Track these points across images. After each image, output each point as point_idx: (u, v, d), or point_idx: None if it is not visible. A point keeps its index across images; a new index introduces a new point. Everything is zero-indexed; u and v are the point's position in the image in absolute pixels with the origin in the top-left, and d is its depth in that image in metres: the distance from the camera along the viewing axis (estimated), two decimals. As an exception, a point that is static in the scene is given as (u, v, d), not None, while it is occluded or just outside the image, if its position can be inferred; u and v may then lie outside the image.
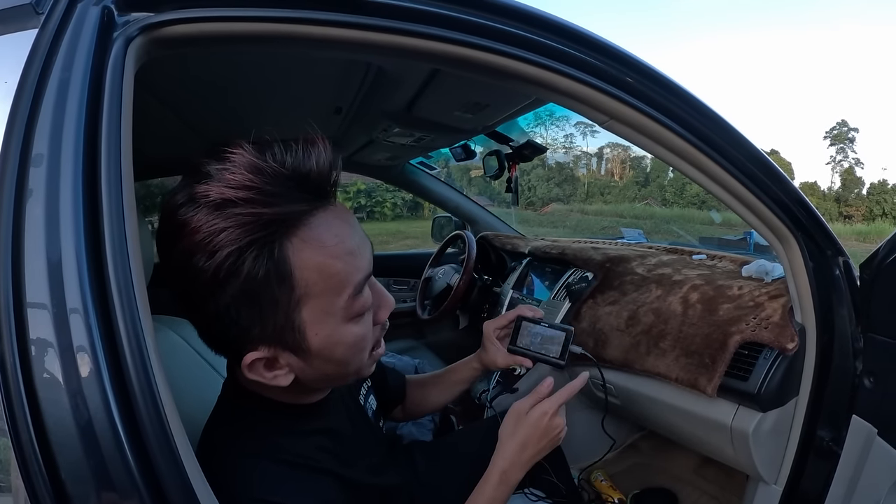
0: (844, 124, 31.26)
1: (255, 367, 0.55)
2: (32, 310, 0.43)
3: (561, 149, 23.96)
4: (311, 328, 0.54)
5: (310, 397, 0.65)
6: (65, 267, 0.43)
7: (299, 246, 0.50)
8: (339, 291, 0.54)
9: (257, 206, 0.48)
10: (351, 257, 0.54)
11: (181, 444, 0.44)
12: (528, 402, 0.79)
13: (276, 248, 0.49)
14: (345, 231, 0.54)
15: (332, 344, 0.56)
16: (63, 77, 0.45)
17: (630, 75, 0.69)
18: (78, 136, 0.45)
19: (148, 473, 0.42)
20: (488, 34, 0.60)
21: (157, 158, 1.58)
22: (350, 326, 0.56)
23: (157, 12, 0.50)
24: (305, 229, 0.51)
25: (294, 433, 0.62)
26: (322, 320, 0.54)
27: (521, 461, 0.77)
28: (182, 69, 0.96)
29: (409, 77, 1.11)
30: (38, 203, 0.43)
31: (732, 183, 0.80)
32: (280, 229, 0.49)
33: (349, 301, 0.54)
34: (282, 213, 0.49)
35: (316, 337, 0.54)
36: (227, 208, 0.47)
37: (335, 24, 0.54)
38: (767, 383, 0.95)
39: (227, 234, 0.47)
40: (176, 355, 0.87)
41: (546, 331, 0.91)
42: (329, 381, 0.63)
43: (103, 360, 0.42)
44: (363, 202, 17.35)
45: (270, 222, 0.49)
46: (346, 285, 0.54)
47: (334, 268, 0.52)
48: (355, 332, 0.57)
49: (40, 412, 0.42)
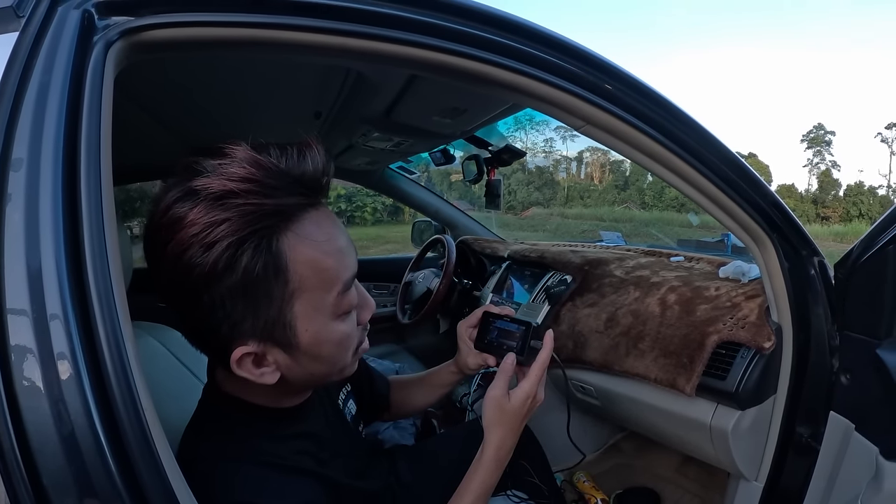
0: (821, 127, 31.99)
1: (244, 362, 0.55)
2: (12, 316, 0.42)
3: (541, 153, 24.14)
4: (302, 324, 0.54)
5: (290, 400, 0.66)
6: (45, 272, 0.42)
7: (294, 241, 0.52)
8: (330, 288, 0.55)
9: (259, 196, 0.49)
10: (341, 255, 0.56)
11: (162, 450, 0.44)
12: (500, 386, 0.78)
13: (275, 241, 0.50)
14: (334, 230, 0.56)
15: (320, 341, 0.56)
16: (43, 80, 0.45)
17: (606, 81, 0.70)
18: (58, 141, 0.44)
19: (129, 479, 0.42)
20: (465, 40, 0.61)
21: (136, 163, 1.57)
22: (337, 324, 0.58)
23: (138, 16, 0.50)
24: (299, 225, 0.52)
25: (274, 437, 0.62)
26: (312, 316, 0.55)
27: (510, 445, 0.78)
28: (161, 74, 0.95)
29: (388, 82, 1.13)
30: (17, 208, 0.43)
31: (707, 186, 0.81)
32: (278, 222, 0.51)
33: (338, 298, 0.56)
34: (281, 206, 0.51)
35: (306, 333, 0.55)
36: (228, 199, 0.48)
37: (313, 30, 0.54)
38: (745, 382, 0.97)
39: (227, 225, 0.48)
40: (156, 361, 0.86)
41: (508, 325, 0.89)
42: (314, 381, 0.64)
43: (83, 366, 0.42)
44: (343, 207, 17.23)
45: (271, 213, 0.50)
46: (336, 282, 0.55)
47: (326, 263, 0.54)
48: (342, 330, 0.58)
49: (21, 419, 0.41)
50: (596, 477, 1.52)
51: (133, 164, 1.56)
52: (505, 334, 0.88)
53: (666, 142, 0.76)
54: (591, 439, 1.67)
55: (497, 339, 0.88)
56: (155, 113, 1.18)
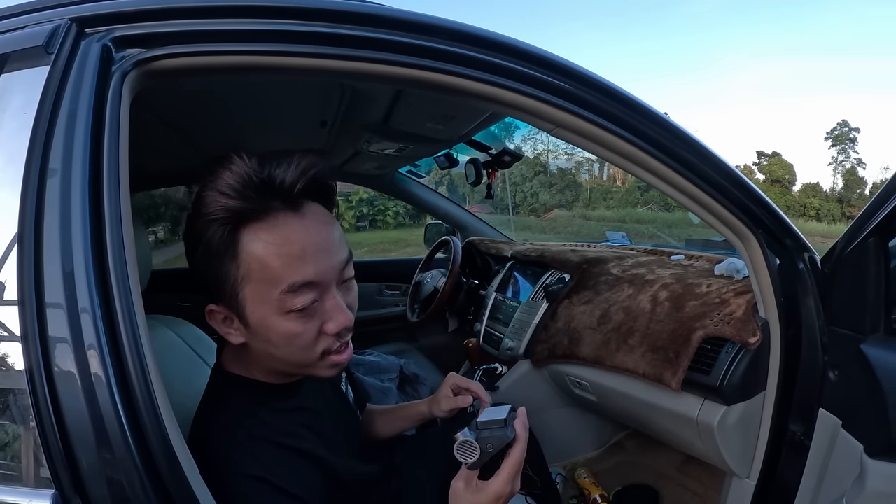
0: (845, 124, 30.71)
1: (214, 316, 0.66)
2: (51, 309, 0.51)
3: (563, 155, 23.92)
4: (250, 305, 0.63)
5: (285, 378, 0.73)
6: (76, 270, 0.51)
7: (251, 237, 0.61)
8: (274, 284, 0.61)
9: (227, 197, 0.59)
10: (292, 259, 0.62)
11: (168, 421, 0.52)
12: (464, 476, 0.66)
13: (230, 230, 0.61)
14: (299, 236, 0.63)
15: (266, 327, 0.64)
16: (72, 107, 0.54)
17: (569, 84, 0.73)
18: (85, 155, 0.54)
19: (142, 448, 0.50)
20: (433, 55, 0.67)
21: (160, 171, 1.69)
22: (283, 319, 0.63)
23: (150, 48, 0.59)
24: (262, 225, 0.61)
25: (275, 410, 0.70)
26: (258, 303, 0.63)
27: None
28: (182, 93, 1.06)
29: (379, 93, 1.21)
30: (54, 208, 0.52)
31: (684, 184, 0.81)
32: (239, 218, 0.60)
33: (282, 296, 0.62)
34: (241, 207, 0.60)
35: (253, 315, 0.63)
36: (213, 193, 0.60)
37: (298, 55, 0.63)
38: (730, 377, 0.98)
39: (206, 209, 0.60)
40: (173, 350, 0.95)
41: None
42: (278, 363, 0.69)
43: (108, 355, 0.51)
44: (365, 211, 17.28)
45: (232, 210, 0.60)
46: (279, 281, 0.61)
47: (271, 262, 0.61)
48: (288, 327, 0.63)
49: (59, 401, 0.50)
50: (598, 474, 1.54)
51: (158, 171, 1.69)
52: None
53: (637, 141, 0.77)
54: (593, 436, 1.69)
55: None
56: (177, 126, 1.29)
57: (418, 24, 0.67)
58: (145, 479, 0.49)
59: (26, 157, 0.53)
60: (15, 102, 0.57)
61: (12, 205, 0.53)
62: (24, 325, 0.51)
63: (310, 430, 0.72)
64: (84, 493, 0.50)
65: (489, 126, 1.58)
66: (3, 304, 0.53)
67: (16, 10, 0.64)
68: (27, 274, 0.51)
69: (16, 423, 0.55)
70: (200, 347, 0.99)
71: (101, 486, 0.50)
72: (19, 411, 0.54)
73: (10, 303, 0.52)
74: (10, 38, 0.60)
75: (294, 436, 0.69)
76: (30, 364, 0.51)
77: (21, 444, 0.54)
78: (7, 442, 0.55)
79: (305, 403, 0.75)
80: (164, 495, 0.50)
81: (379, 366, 1.77)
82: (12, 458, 0.55)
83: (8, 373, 0.54)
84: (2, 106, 0.57)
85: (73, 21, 0.59)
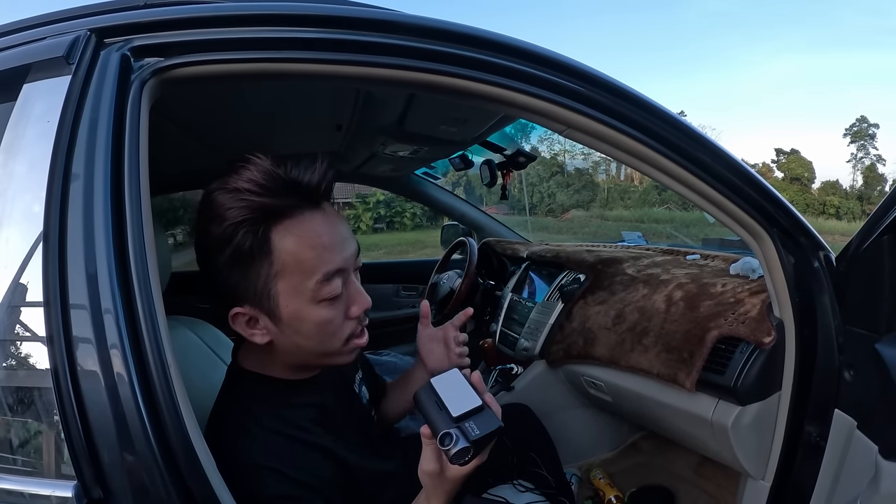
0: (864, 120, 29.72)
1: (238, 320, 0.68)
2: (75, 311, 0.54)
3: (580, 155, 23.72)
4: (283, 300, 0.66)
5: (300, 374, 0.75)
6: (99, 272, 0.54)
7: (283, 233, 0.64)
8: (309, 275, 0.65)
9: (255, 195, 0.62)
10: (323, 250, 0.66)
11: (187, 416, 0.54)
12: (431, 458, 0.65)
13: (262, 229, 0.63)
14: (325, 229, 0.67)
15: (300, 318, 0.67)
16: (93, 116, 0.57)
17: (580, 85, 0.74)
18: (106, 161, 0.56)
19: (162, 442, 0.52)
20: (443, 59, 0.68)
21: (180, 175, 1.73)
22: (317, 308, 0.67)
23: (167, 57, 0.61)
24: (292, 221, 0.64)
25: (290, 405, 0.73)
26: (292, 295, 0.66)
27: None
28: (202, 99, 1.08)
29: (392, 97, 1.23)
30: (77, 212, 0.55)
31: (697, 183, 0.81)
32: (268, 216, 0.63)
33: (317, 285, 0.66)
34: (270, 204, 0.63)
35: (286, 308, 0.66)
36: (239, 194, 0.62)
37: (310, 61, 0.64)
38: (744, 377, 0.97)
39: (233, 212, 0.62)
40: (191, 350, 0.98)
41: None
42: (303, 355, 0.72)
43: (130, 354, 0.53)
44: (382, 212, 17.36)
45: (266, 208, 0.62)
46: (314, 271, 0.65)
47: (306, 255, 0.65)
48: (322, 314, 0.68)
49: (82, 398, 0.53)
50: (614, 475, 1.53)
51: (177, 175, 1.73)
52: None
53: (649, 141, 0.77)
54: (609, 437, 1.68)
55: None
56: (194, 132, 1.32)
57: (428, 29, 0.68)
58: (164, 472, 0.51)
59: (50, 162, 0.56)
60: (37, 110, 0.59)
61: (37, 209, 0.56)
62: (50, 325, 0.54)
63: (323, 425, 0.74)
64: (105, 485, 0.52)
65: (503, 128, 1.59)
66: (29, 305, 0.56)
67: (36, 22, 0.67)
68: (52, 276, 0.54)
69: (40, 419, 0.57)
70: (219, 347, 1.03)
71: (121, 477, 0.52)
72: (44, 407, 0.56)
73: (35, 304, 0.55)
74: (31, 49, 0.63)
75: (307, 430, 0.72)
76: (55, 363, 0.53)
77: (43, 439, 0.57)
78: (31, 437, 0.58)
79: (320, 399, 0.77)
80: (182, 487, 0.52)
81: (395, 366, 1.79)
82: (35, 453, 0.58)
83: (32, 371, 0.56)
84: (24, 114, 0.60)
85: (92, 32, 0.61)
